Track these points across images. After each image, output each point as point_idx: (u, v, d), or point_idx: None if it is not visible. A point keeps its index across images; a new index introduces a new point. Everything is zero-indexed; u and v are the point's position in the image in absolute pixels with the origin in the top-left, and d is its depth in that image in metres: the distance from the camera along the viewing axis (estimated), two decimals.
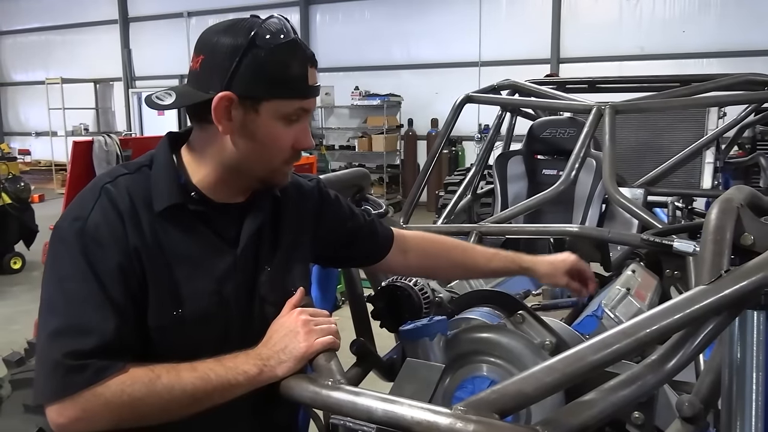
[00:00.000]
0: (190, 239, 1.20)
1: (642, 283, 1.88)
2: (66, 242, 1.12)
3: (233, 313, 1.23)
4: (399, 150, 12.54)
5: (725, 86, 2.84)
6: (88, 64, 15.29)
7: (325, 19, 13.20)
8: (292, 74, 1.17)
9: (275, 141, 1.21)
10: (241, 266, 1.25)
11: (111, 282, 1.10)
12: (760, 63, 9.10)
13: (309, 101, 1.22)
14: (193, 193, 1.22)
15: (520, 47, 11.13)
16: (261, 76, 1.15)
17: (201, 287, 1.19)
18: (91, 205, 1.14)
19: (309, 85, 1.20)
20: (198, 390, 1.07)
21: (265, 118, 1.18)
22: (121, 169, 1.23)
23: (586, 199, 3.23)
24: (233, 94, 1.15)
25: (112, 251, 1.11)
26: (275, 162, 1.24)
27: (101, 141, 4.24)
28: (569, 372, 0.93)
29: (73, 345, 1.04)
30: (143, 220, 1.16)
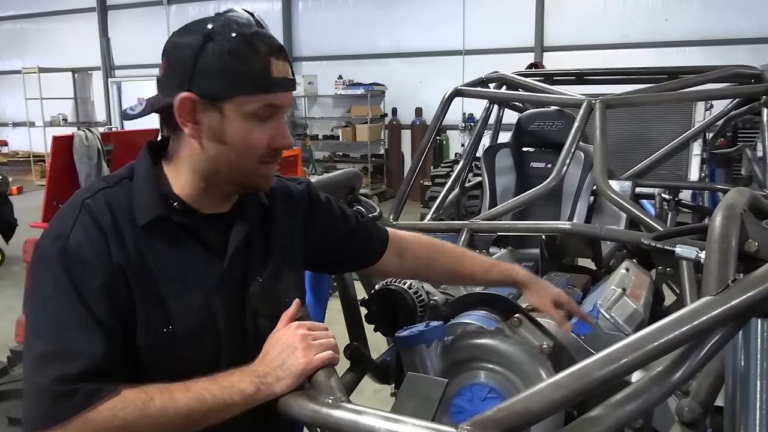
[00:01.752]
0: (176, 253, 1.15)
1: (636, 282, 1.87)
2: (48, 262, 1.07)
3: (225, 327, 1.18)
4: (383, 139, 12.48)
5: (715, 79, 2.83)
6: (66, 53, 15.01)
7: (308, 7, 13.06)
8: (253, 68, 1.10)
9: (244, 141, 1.14)
10: (229, 278, 1.20)
11: (96, 302, 1.05)
12: (742, 51, 9.15)
13: (276, 96, 1.14)
14: (176, 203, 1.17)
15: (504, 36, 11.08)
16: (220, 73, 1.09)
17: (190, 302, 1.15)
18: (72, 222, 1.09)
19: (274, 78, 1.13)
20: (193, 411, 1.03)
21: (231, 117, 1.12)
22: (101, 182, 1.18)
23: (574, 193, 3.21)
24: (194, 95, 1.10)
25: (96, 270, 1.07)
26: (249, 164, 1.17)
27: (82, 135, 4.16)
28: (576, 388, 0.91)
29: (60, 369, 1.00)
30: (126, 236, 1.11)
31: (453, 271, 1.61)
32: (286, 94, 1.16)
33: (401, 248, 1.55)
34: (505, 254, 2.27)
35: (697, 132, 3.35)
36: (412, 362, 1.39)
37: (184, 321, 1.13)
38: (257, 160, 1.17)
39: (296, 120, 13.19)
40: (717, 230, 1.06)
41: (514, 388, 1.36)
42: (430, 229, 2.50)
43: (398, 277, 1.66)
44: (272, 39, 1.14)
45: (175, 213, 1.16)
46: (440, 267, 1.60)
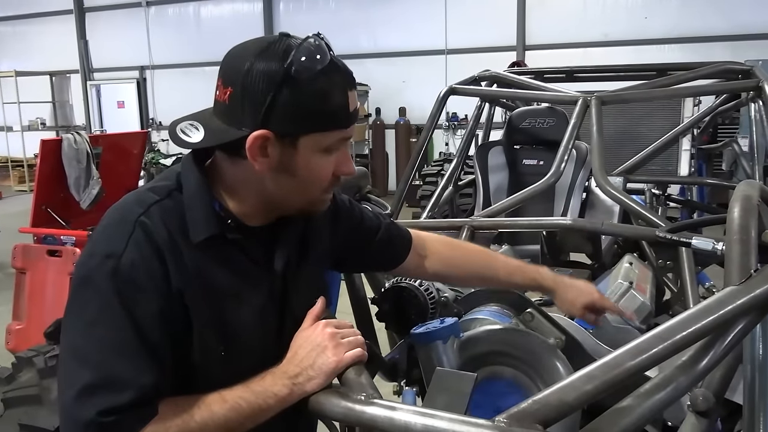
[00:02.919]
0: (228, 270, 1.11)
1: (640, 276, 1.89)
2: (95, 283, 1.00)
3: (274, 341, 1.18)
4: (367, 139, 12.49)
5: (705, 75, 2.88)
6: (43, 56, 14.82)
7: (289, 8, 13.03)
8: (332, 104, 1.07)
9: (316, 174, 1.12)
10: (278, 292, 1.19)
11: (150, 329, 1.00)
12: (719, 48, 9.32)
13: (350, 129, 1.13)
14: (230, 221, 1.12)
15: (486, 35, 11.16)
16: (299, 111, 1.05)
17: (244, 321, 1.13)
18: (125, 240, 1.02)
19: (350, 113, 1.10)
20: (230, 420, 1.02)
21: (304, 152, 1.08)
22: (151, 195, 1.10)
23: (567, 189, 3.24)
24: (270, 132, 1.04)
25: (152, 295, 1.01)
26: (315, 194, 1.16)
27: (70, 139, 4.11)
28: (608, 379, 0.92)
29: (108, 402, 0.95)
30: (184, 255, 1.06)
31: (476, 273, 1.58)
32: (354, 126, 1.15)
33: (424, 249, 1.54)
34: (506, 251, 2.29)
35: (687, 128, 3.40)
36: (428, 359, 1.40)
37: (240, 341, 1.12)
38: (322, 189, 1.16)
39: None
40: (736, 221, 1.08)
41: (532, 382, 1.38)
42: (431, 227, 2.51)
43: (419, 278, 1.64)
44: (347, 70, 1.11)
45: (228, 230, 1.12)
46: (463, 269, 1.58)
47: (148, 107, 14.65)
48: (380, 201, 1.86)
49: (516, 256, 2.32)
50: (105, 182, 4.43)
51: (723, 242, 1.35)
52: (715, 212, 3.94)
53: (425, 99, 11.20)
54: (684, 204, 3.80)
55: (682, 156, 3.52)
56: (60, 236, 4.03)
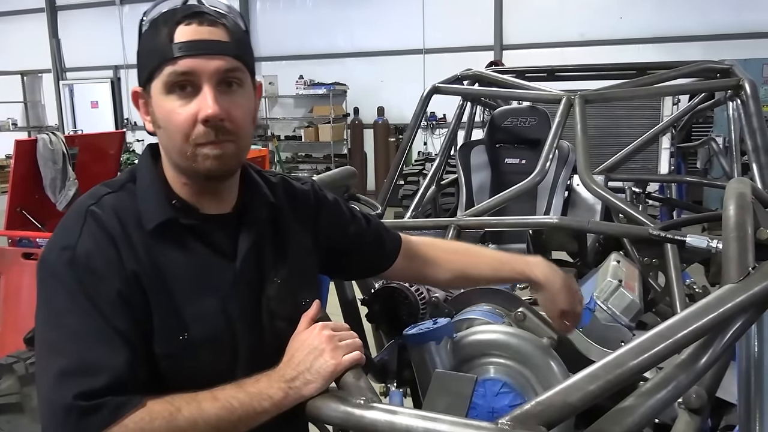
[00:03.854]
0: (186, 257, 1.11)
1: (628, 274, 1.90)
2: (57, 275, 1.03)
3: (241, 331, 1.15)
4: (346, 139, 12.45)
5: (685, 74, 2.90)
6: (14, 55, 14.49)
7: (266, 7, 12.93)
8: (157, 40, 1.06)
9: (167, 117, 1.08)
10: (242, 281, 1.16)
11: (114, 312, 1.01)
12: (693, 48, 9.46)
13: (182, 62, 1.05)
14: (175, 201, 1.13)
15: (464, 34, 11.19)
16: (142, 57, 1.09)
17: (205, 307, 1.11)
18: (78, 231, 1.05)
19: (175, 43, 1.05)
20: (222, 420, 0.99)
21: (155, 97, 1.08)
22: (104, 188, 1.13)
23: (550, 188, 3.26)
24: (137, 87, 1.12)
25: (110, 279, 1.03)
26: (180, 144, 1.08)
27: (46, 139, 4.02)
28: (611, 379, 0.91)
29: (84, 385, 0.95)
30: (136, 241, 1.07)
31: (461, 274, 1.52)
32: (193, 60, 1.05)
33: (412, 251, 1.50)
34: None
35: (666, 126, 3.43)
36: (421, 360, 1.38)
37: (201, 327, 1.09)
38: (185, 139, 1.08)
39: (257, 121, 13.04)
40: (732, 219, 1.08)
41: (527, 382, 1.37)
42: (417, 227, 2.50)
43: (405, 281, 1.62)
44: (188, 7, 1.09)
45: (182, 215, 1.12)
46: (448, 269, 1.52)
47: (123, 107, 14.44)
48: (369, 201, 1.84)
49: None
50: (81, 183, 4.34)
51: (717, 240, 1.36)
52: (695, 210, 3.99)
53: (403, 98, 11.31)
54: (664, 202, 3.84)
55: (662, 154, 3.56)
56: (35, 239, 3.94)
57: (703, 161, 6.63)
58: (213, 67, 1.06)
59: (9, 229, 4.09)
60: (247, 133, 1.15)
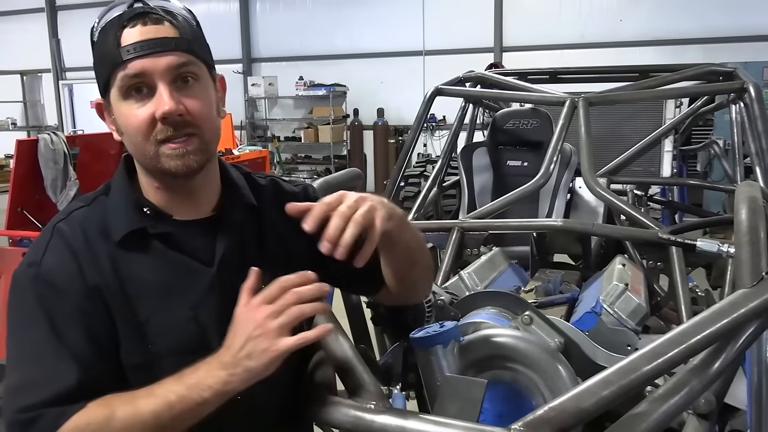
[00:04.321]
0: (156, 266, 1.09)
1: (633, 277, 1.89)
2: (20, 290, 1.05)
3: (215, 339, 1.07)
4: (346, 140, 12.44)
5: (689, 77, 2.90)
6: (14, 54, 14.48)
7: (266, 8, 12.92)
8: (105, 46, 1.05)
9: (127, 122, 1.07)
10: (219, 287, 1.11)
11: (70, 328, 1.02)
12: (692, 51, 9.48)
13: (132, 64, 1.03)
14: (147, 209, 1.11)
15: (463, 36, 11.19)
16: (96, 67, 1.08)
17: (174, 317, 1.08)
18: (44, 247, 1.07)
19: (121, 47, 1.03)
20: (160, 417, 0.96)
21: (114, 104, 1.08)
22: (77, 203, 1.14)
23: (552, 190, 3.25)
24: (99, 99, 1.12)
25: (69, 294, 1.03)
26: (140, 143, 1.06)
27: (47, 139, 4.01)
28: (625, 384, 0.91)
29: (27, 399, 0.97)
30: (100, 254, 1.06)
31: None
32: (142, 60, 1.03)
33: None
34: (497, 252, 2.28)
35: (669, 129, 3.43)
36: (428, 364, 1.37)
37: (168, 337, 1.08)
38: (147, 140, 1.05)
39: (256, 122, 13.05)
40: (745, 223, 1.07)
41: (534, 385, 1.36)
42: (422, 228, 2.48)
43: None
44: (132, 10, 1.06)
45: (151, 224, 1.10)
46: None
47: None
48: None
49: (506, 259, 2.32)
50: (82, 183, 4.33)
51: (728, 244, 1.35)
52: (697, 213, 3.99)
53: (403, 100, 11.31)
54: (666, 204, 3.83)
55: (665, 157, 3.55)
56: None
57: (703, 164, 6.64)
58: (163, 64, 1.04)
59: (10, 229, 4.08)
60: (211, 125, 1.11)
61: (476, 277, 1.95)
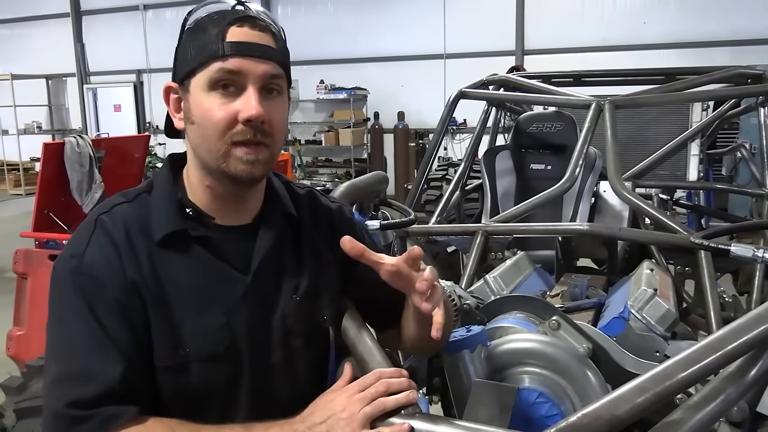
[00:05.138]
0: (194, 269, 1.09)
1: (662, 282, 1.86)
2: (62, 282, 1.04)
3: (247, 349, 1.10)
4: (366, 144, 12.47)
5: (717, 80, 2.86)
6: (40, 59, 14.72)
7: (287, 12, 13.00)
8: (205, 37, 1.06)
9: (205, 114, 1.06)
10: (254, 295, 1.12)
11: (112, 320, 1.02)
12: (719, 54, 9.34)
13: (230, 60, 1.04)
14: (190, 210, 1.11)
15: (485, 39, 11.16)
16: (184, 52, 1.09)
17: (208, 323, 1.08)
18: (87, 239, 1.07)
19: (226, 42, 1.05)
20: None
21: (194, 94, 1.07)
22: (119, 198, 1.14)
23: (576, 194, 3.22)
24: (172, 83, 1.12)
25: (110, 286, 1.03)
26: (214, 142, 1.06)
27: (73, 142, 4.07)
28: (660, 391, 0.89)
29: (75, 393, 0.96)
30: (140, 252, 1.07)
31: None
32: (243, 60, 1.05)
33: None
34: (522, 256, 2.26)
35: (696, 132, 3.38)
36: (455, 368, 1.36)
37: (201, 343, 1.07)
38: (222, 137, 1.06)
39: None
40: None
41: (563, 391, 1.34)
42: (444, 232, 2.49)
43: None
44: (239, 11, 1.08)
45: (193, 226, 1.10)
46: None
47: (145, 111, 14.59)
48: (402, 206, 1.82)
49: (531, 263, 2.30)
50: (107, 186, 4.39)
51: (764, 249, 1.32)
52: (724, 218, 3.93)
53: (424, 103, 11.31)
54: (692, 209, 3.78)
55: (691, 161, 3.50)
56: (62, 241, 3.98)
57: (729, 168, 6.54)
58: (261, 70, 1.06)
59: (36, 231, 4.13)
60: (281, 140, 1.14)
61: (501, 282, 1.94)
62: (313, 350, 1.21)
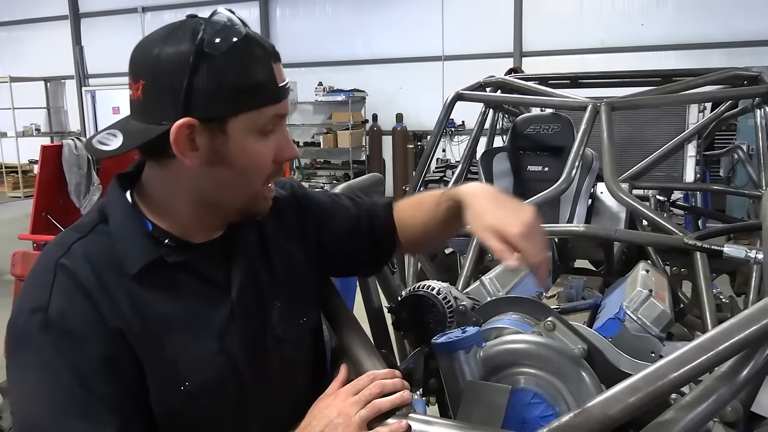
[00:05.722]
0: (177, 298, 1.01)
1: (657, 283, 1.86)
2: (28, 342, 0.90)
3: (246, 367, 1.05)
4: (365, 146, 12.48)
5: (713, 81, 2.87)
6: (38, 61, 14.73)
7: (285, 14, 13.02)
8: (255, 78, 0.97)
9: (254, 160, 1.01)
10: (240, 312, 1.06)
11: (97, 377, 0.91)
12: (716, 55, 9.37)
13: (283, 105, 1.02)
14: (167, 240, 1.02)
15: (483, 41, 11.18)
16: (221, 90, 0.94)
17: (203, 352, 1.01)
18: (48, 288, 0.93)
19: (279, 86, 1.00)
20: None
21: (237, 137, 0.97)
22: (71, 234, 1.00)
23: (573, 195, 3.23)
24: (194, 120, 0.94)
25: (89, 340, 0.91)
26: (256, 185, 1.04)
27: (71, 145, 4.08)
28: (652, 391, 0.90)
29: None
30: (116, 292, 0.95)
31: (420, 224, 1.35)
32: (287, 101, 1.04)
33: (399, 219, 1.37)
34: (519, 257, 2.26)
35: (692, 134, 3.39)
36: (450, 369, 1.36)
37: (202, 374, 1.00)
38: (265, 180, 1.05)
39: None
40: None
41: (558, 392, 1.34)
42: None
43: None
44: (266, 42, 1.01)
45: (167, 252, 1.01)
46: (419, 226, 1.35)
47: None
48: None
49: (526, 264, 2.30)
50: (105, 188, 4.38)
51: (756, 250, 1.33)
52: (721, 219, 3.94)
53: (422, 105, 11.33)
54: (689, 210, 3.79)
55: (688, 162, 3.51)
56: None
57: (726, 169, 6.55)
58: (288, 111, 1.05)
59: (34, 233, 4.14)
60: None
61: (498, 283, 1.94)
62: (305, 354, 1.21)
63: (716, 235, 1.39)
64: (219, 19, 0.96)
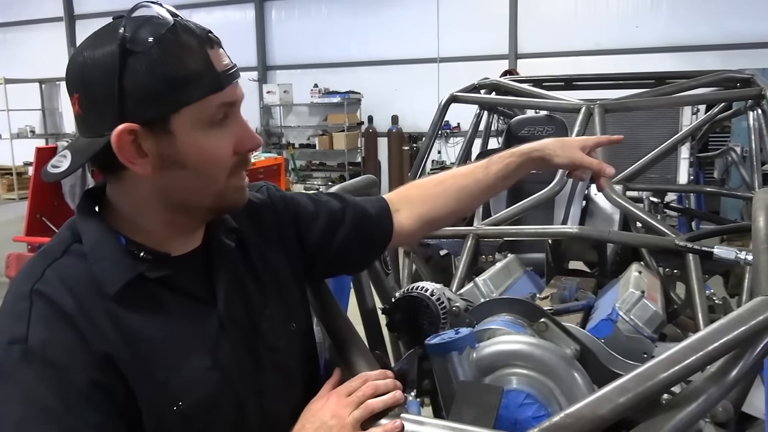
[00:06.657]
0: (162, 316, 0.96)
1: (650, 284, 1.87)
2: (8, 376, 0.85)
3: (239, 380, 1.02)
4: (360, 147, 12.50)
5: (706, 84, 2.88)
6: (33, 63, 14.68)
7: (281, 16, 13.03)
8: (190, 68, 0.90)
9: (210, 156, 0.95)
10: (229, 324, 1.02)
11: (86, 406, 0.86)
12: (709, 57, 9.41)
13: (229, 91, 0.94)
14: (143, 253, 0.96)
15: (478, 43, 11.22)
16: (155, 87, 0.88)
17: (194, 369, 0.96)
18: (25, 318, 0.87)
19: (219, 71, 0.93)
20: None
21: (184, 134, 0.92)
22: (44, 258, 0.94)
23: (567, 197, 3.24)
24: (133, 124, 0.89)
25: (76, 368, 0.86)
26: (220, 181, 0.98)
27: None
28: (642, 391, 0.90)
29: None
30: (98, 316, 0.90)
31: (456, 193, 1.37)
32: (235, 87, 0.96)
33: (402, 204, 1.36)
34: (512, 259, 2.27)
35: (686, 136, 3.40)
36: (443, 370, 1.37)
37: (195, 393, 0.96)
38: (228, 174, 0.99)
39: (271, 129, 13.13)
40: (763, 230, 1.07)
41: (550, 393, 1.35)
42: (437, 235, 2.49)
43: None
44: (198, 27, 0.94)
45: (147, 267, 0.96)
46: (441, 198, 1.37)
47: None
48: None
49: (522, 265, 2.31)
50: None
51: (746, 251, 1.34)
52: (715, 220, 3.96)
53: (418, 107, 11.35)
54: (682, 212, 3.80)
55: (682, 164, 3.53)
56: None
57: (720, 171, 6.58)
58: (241, 93, 0.99)
59: (29, 235, 4.13)
60: None
61: (491, 284, 1.95)
62: (298, 360, 1.20)
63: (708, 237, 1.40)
64: (141, 13, 0.91)
